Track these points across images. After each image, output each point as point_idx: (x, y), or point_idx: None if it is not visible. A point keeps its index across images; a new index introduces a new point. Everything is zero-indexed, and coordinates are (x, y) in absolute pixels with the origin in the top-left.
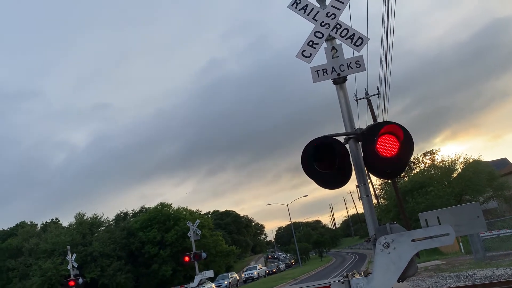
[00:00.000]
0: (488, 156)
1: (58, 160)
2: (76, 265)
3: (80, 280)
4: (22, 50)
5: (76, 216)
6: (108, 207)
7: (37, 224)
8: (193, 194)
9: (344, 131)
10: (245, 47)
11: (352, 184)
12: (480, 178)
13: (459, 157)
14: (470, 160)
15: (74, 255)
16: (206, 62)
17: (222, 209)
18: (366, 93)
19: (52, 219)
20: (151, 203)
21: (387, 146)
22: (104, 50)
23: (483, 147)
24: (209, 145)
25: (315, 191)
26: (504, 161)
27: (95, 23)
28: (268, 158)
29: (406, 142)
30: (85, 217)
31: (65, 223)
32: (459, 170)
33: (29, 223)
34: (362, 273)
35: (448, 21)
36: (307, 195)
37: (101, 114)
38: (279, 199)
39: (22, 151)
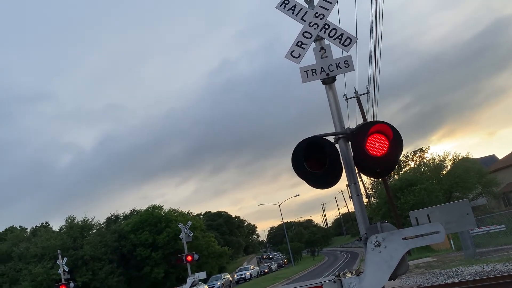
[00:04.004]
0: (483, 152)
1: (64, 163)
2: (67, 269)
3: (72, 284)
4: (35, 52)
5: (66, 219)
6: (110, 209)
7: (26, 229)
8: (195, 193)
9: (334, 130)
10: (258, 48)
11: (343, 183)
12: (469, 175)
13: (448, 154)
14: (459, 158)
15: (65, 259)
16: (218, 62)
17: (215, 210)
18: (356, 93)
19: (42, 223)
20: (152, 204)
21: (376, 145)
22: (118, 51)
23: (478, 143)
24: (214, 144)
25: (307, 191)
26: (492, 157)
27: (108, 24)
28: (270, 157)
29: (396, 141)
30: (76, 221)
31: (55, 227)
32: (449, 167)
33: (18, 227)
34: (353, 272)
35: (453, 20)
36: (298, 195)
37: (111, 115)
38: (278, 198)
39: (30, 153)
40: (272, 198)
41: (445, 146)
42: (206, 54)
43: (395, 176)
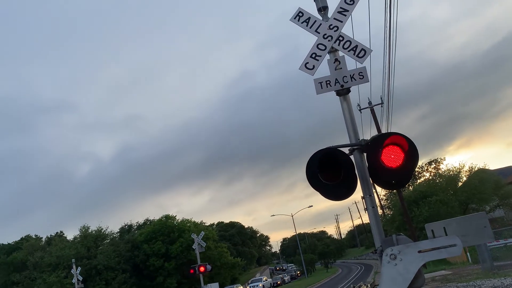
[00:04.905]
0: (500, 163)
1: (82, 172)
2: (81, 278)
3: None
4: (58, 64)
5: (80, 229)
6: (126, 218)
7: (41, 238)
8: (209, 203)
9: (349, 142)
10: (276, 59)
11: (357, 194)
12: (485, 186)
13: (464, 165)
14: (476, 169)
15: (79, 268)
16: (238, 73)
17: (228, 220)
18: (370, 103)
19: (57, 233)
20: (167, 213)
21: (391, 157)
22: (138, 62)
23: (496, 154)
24: (230, 154)
25: (321, 202)
26: (510, 169)
27: (128, 35)
28: (285, 168)
29: (411, 152)
30: (90, 230)
31: (70, 236)
32: (464, 178)
33: (34, 236)
34: (369, 285)
35: (471, 30)
36: (311, 206)
37: (130, 125)
38: (291, 208)
39: (51, 163)
40: (285, 209)
41: (462, 157)
42: (225, 65)
43: (410, 188)
